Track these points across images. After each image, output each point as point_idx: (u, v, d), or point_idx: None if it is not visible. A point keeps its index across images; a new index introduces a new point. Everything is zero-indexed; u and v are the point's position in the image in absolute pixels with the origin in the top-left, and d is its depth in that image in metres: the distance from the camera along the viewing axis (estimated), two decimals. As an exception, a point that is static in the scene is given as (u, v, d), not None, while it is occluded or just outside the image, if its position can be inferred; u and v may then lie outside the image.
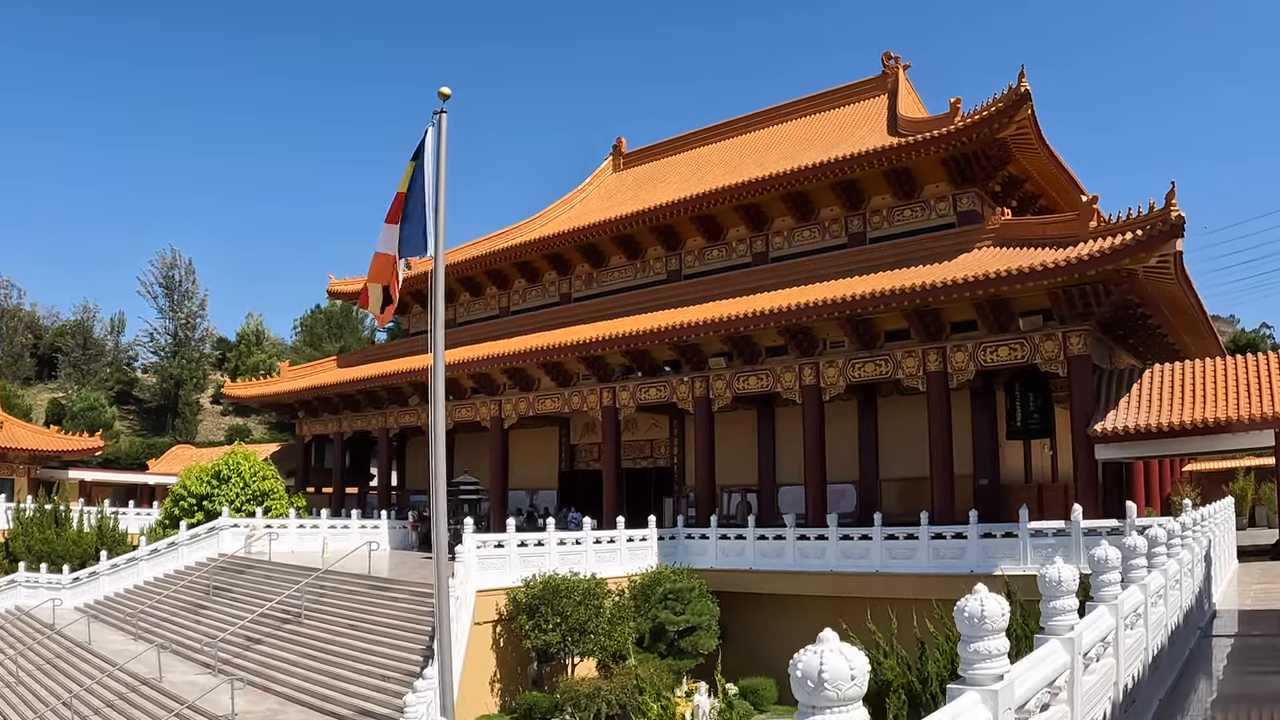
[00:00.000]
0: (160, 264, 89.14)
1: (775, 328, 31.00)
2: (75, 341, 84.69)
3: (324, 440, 50.61)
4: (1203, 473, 47.11)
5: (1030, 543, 26.38)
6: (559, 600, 25.42)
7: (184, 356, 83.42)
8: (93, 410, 72.17)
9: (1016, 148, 32.28)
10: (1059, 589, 6.21)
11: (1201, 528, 17.65)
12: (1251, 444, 26.67)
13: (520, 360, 37.17)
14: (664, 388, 35.06)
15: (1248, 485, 43.90)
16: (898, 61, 42.89)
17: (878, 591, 27.64)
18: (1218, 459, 47.30)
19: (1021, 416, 30.47)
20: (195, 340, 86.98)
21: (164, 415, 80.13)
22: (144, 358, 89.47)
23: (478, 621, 25.46)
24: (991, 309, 28.34)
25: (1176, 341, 34.97)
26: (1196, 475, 46.31)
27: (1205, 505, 24.83)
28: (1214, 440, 26.72)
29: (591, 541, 29.92)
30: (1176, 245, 24.69)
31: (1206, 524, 18.34)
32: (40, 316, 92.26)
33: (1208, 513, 18.80)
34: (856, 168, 33.60)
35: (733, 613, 30.35)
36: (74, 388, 79.31)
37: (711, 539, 31.73)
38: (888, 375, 30.50)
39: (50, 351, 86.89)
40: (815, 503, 31.34)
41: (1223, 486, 42.29)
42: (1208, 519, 18.83)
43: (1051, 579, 6.25)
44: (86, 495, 55.78)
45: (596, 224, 39.28)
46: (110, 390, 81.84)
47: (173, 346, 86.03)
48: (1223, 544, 22.79)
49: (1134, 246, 24.87)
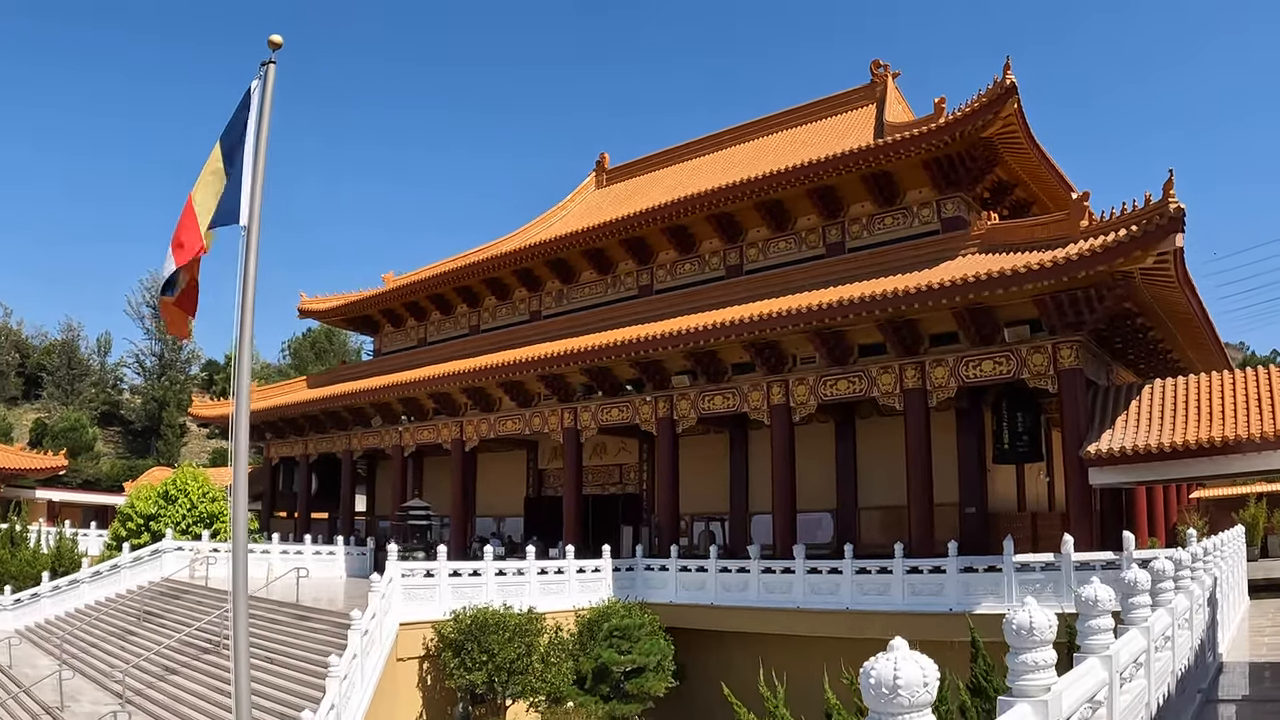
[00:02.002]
0: (148, 284, 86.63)
1: (739, 342, 27.74)
2: (61, 361, 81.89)
3: (292, 463, 47.61)
4: (1211, 500, 43.13)
5: (1015, 578, 23.02)
6: (486, 636, 22.60)
7: (169, 378, 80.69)
8: (74, 431, 69.24)
9: (1004, 148, 28.97)
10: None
11: (1205, 564, 14.19)
12: (1264, 466, 23.03)
13: (474, 379, 34.05)
14: (626, 408, 31.76)
15: (1259, 513, 39.71)
16: (886, 70, 39.73)
17: (849, 631, 24.49)
18: (1227, 484, 43.38)
19: (1009, 438, 26.91)
20: (181, 362, 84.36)
21: (149, 437, 77.45)
22: (130, 379, 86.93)
23: (400, 657, 22.75)
24: (973, 319, 24.97)
25: (1180, 357, 31.40)
26: (1204, 502, 42.39)
27: (1213, 535, 21.41)
28: (1222, 463, 23.07)
29: (535, 572, 26.86)
30: (1176, 241, 21.20)
31: (1211, 559, 14.83)
32: (28, 335, 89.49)
33: (1213, 545, 15.22)
34: (833, 172, 30.37)
35: (692, 651, 27.11)
36: (58, 408, 76.45)
37: (671, 571, 28.38)
38: (862, 393, 27.09)
39: (36, 370, 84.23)
40: (783, 532, 27.90)
41: (1232, 514, 38.41)
42: (1213, 553, 15.29)
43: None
44: (55, 516, 52.88)
45: (564, 236, 36.19)
46: (95, 411, 79.12)
47: (158, 368, 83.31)
48: (1231, 580, 19.16)
49: (1128, 244, 21.50)
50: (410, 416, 38.43)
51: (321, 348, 76.44)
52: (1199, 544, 15.32)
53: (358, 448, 42.30)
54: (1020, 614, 4.74)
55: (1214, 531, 26.93)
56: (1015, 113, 27.26)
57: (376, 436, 40.91)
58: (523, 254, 37.54)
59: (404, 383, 36.39)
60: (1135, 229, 21.43)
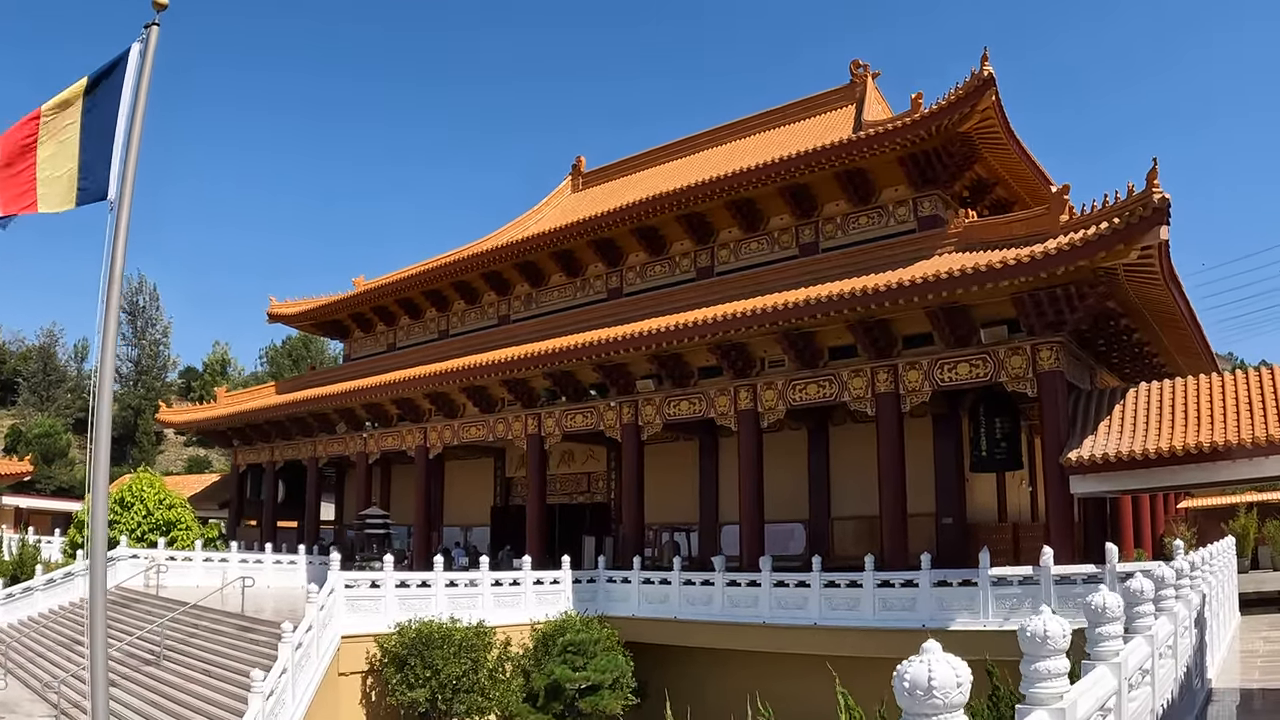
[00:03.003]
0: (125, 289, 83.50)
1: (704, 344, 26.06)
2: (38, 366, 79.77)
3: (259, 470, 45.71)
4: (1200, 510, 41.25)
5: (992, 592, 21.32)
6: (430, 651, 21.01)
7: (144, 385, 78.70)
8: (49, 437, 67.07)
9: (982, 143, 27.34)
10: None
11: (1193, 580, 12.46)
12: (1255, 474, 21.30)
13: (436, 383, 32.34)
14: (591, 414, 30.00)
15: (1250, 523, 37.73)
16: (866, 70, 38.07)
17: (817, 647, 22.76)
18: (1217, 493, 41.52)
19: (987, 445, 25.14)
20: (158, 368, 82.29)
21: (124, 445, 75.37)
22: None
23: (343, 672, 21.25)
24: (947, 319, 23.29)
25: (1167, 361, 29.70)
26: (1192, 513, 40.53)
27: (1202, 546, 19.65)
28: (1211, 470, 21.32)
29: (489, 583, 25.12)
30: (1161, 234, 19.50)
31: (1199, 574, 13.07)
32: (4, 340, 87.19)
33: (1201, 559, 13.44)
34: (805, 169, 28.73)
35: (655, 668, 25.44)
36: (33, 414, 74.31)
37: (634, 583, 26.65)
38: (832, 398, 25.35)
39: (12, 377, 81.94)
40: (751, 543, 26.13)
41: (1222, 525, 36.52)
42: (1200, 568, 13.53)
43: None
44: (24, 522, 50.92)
45: (532, 238, 34.50)
46: (71, 418, 76.91)
47: (135, 374, 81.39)
48: (1222, 595, 17.40)
49: (1109, 238, 19.82)
50: (374, 423, 36.70)
51: (299, 355, 74.50)
52: (1186, 557, 13.57)
53: (323, 455, 40.53)
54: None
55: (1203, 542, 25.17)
56: (993, 106, 25.65)
57: (341, 443, 39.14)
58: (490, 256, 35.83)
59: (364, 388, 34.66)
60: (1117, 221, 19.78)
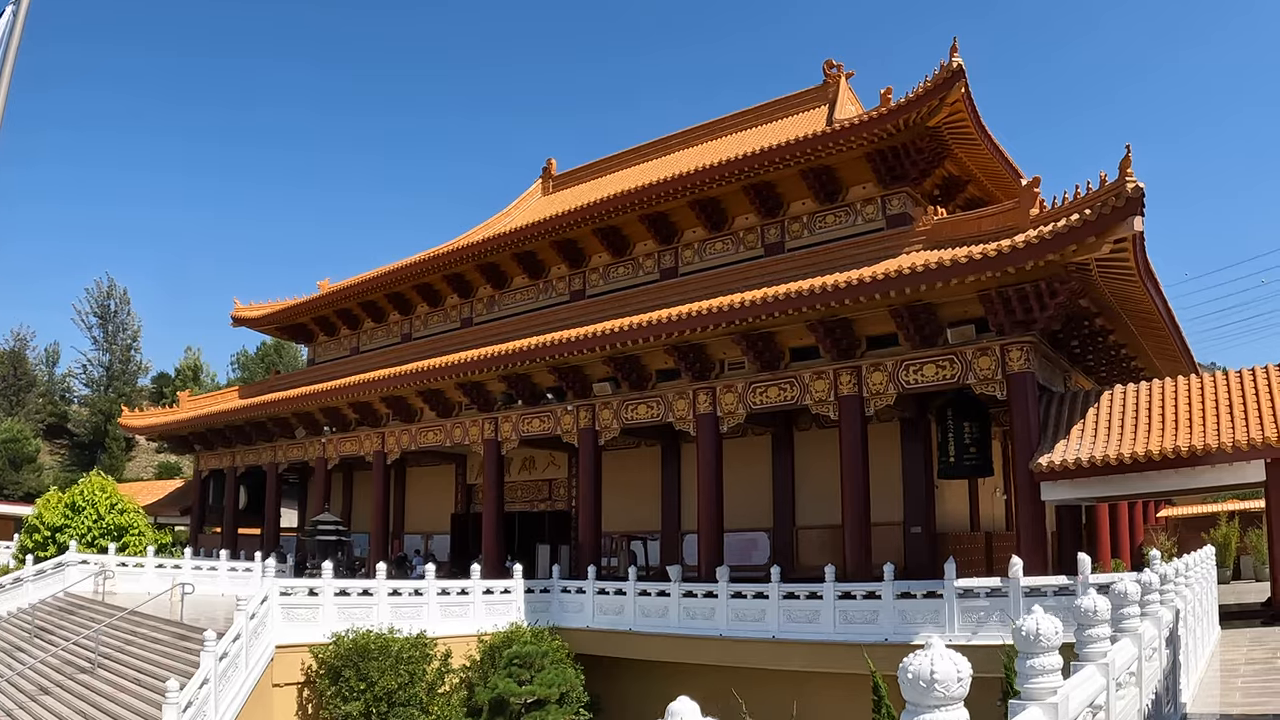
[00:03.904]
0: (96, 293, 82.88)
1: (661, 345, 24.59)
2: (7, 370, 77.23)
3: (222, 475, 43.91)
4: (1180, 518, 39.76)
5: (958, 605, 19.83)
6: (366, 663, 19.69)
7: (115, 389, 76.70)
8: (16, 442, 64.93)
9: (953, 139, 25.86)
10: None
11: (1164, 594, 10.95)
12: (1235, 479, 19.81)
13: (390, 386, 30.90)
14: (548, 418, 28.45)
15: (1231, 532, 36.22)
16: (840, 69, 36.61)
17: (776, 661, 21.47)
18: (1198, 501, 40.04)
19: (955, 450, 23.56)
20: (129, 373, 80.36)
21: (94, 450, 73.34)
22: (78, 390, 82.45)
23: (277, 683, 20.04)
24: (912, 318, 21.82)
25: (1146, 366, 28.31)
26: (1172, 521, 39.00)
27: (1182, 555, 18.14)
28: (1190, 475, 19.87)
29: (436, 592, 23.54)
30: (1135, 225, 18.04)
31: (1172, 589, 11.53)
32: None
33: (1174, 572, 11.87)
34: (769, 166, 27.25)
35: (610, 682, 23.95)
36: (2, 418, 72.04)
37: (589, 593, 25.04)
38: (794, 401, 23.84)
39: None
40: (709, 553, 24.54)
41: (1202, 534, 35.01)
42: (1174, 581, 11.98)
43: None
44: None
45: (493, 238, 32.97)
46: (41, 423, 74.77)
47: (106, 379, 79.43)
48: (1199, 610, 15.79)
49: (1080, 229, 18.41)
50: (332, 427, 35.08)
51: (272, 361, 72.52)
52: (1158, 569, 12.03)
53: (283, 460, 38.90)
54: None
55: (1183, 552, 23.70)
56: (963, 98, 24.18)
57: (301, 448, 37.54)
58: (452, 257, 34.25)
59: (319, 392, 33.12)
60: (1088, 213, 18.38)
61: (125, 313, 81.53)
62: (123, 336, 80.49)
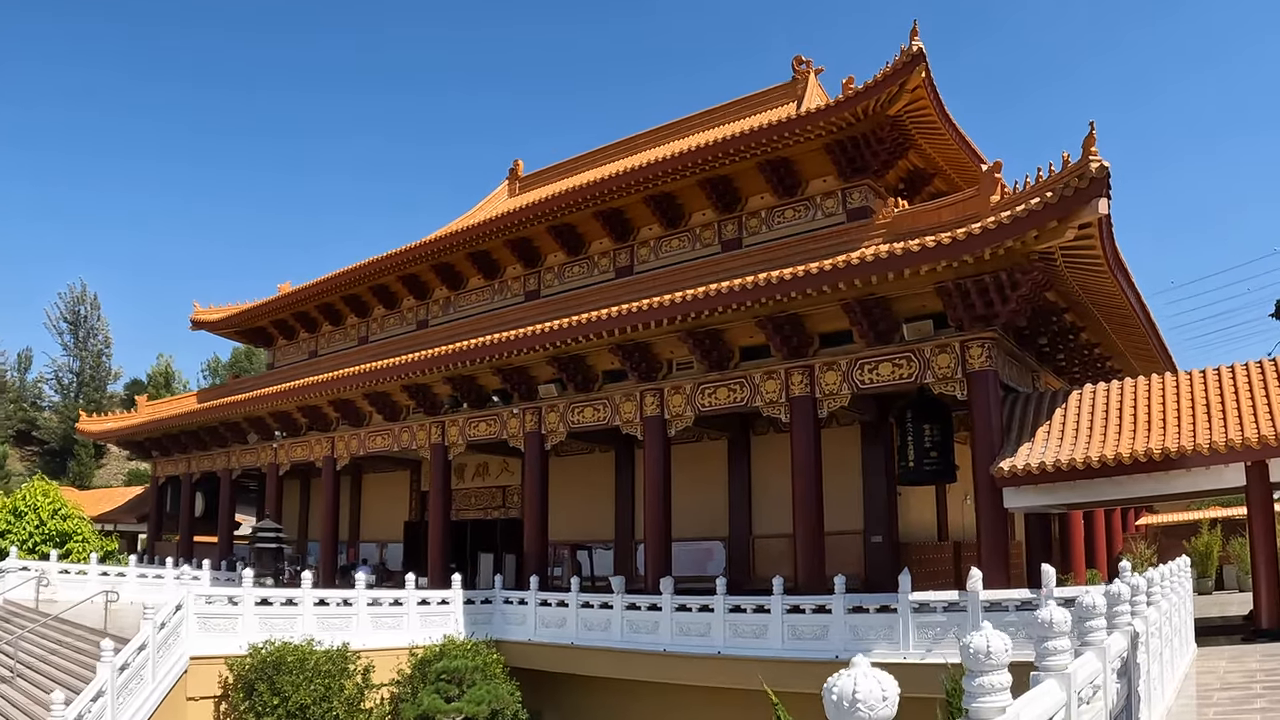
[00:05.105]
0: (67, 298, 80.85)
1: (604, 345, 22.75)
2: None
3: (179, 482, 41.93)
4: (1161, 526, 37.69)
5: (913, 620, 18.01)
6: (280, 676, 18.33)
7: (85, 396, 74.79)
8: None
9: (916, 128, 24.13)
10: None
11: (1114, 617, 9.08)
12: (1213, 484, 17.93)
13: (335, 389, 29.18)
14: (494, 421, 26.63)
15: (1213, 540, 34.13)
16: (809, 65, 34.91)
17: (721, 679, 19.73)
18: (1181, 508, 38.01)
19: (915, 455, 21.60)
20: (100, 379, 78.42)
21: (64, 458, 71.40)
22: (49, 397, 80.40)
23: (192, 696, 18.93)
24: (866, 314, 19.99)
25: (1122, 367, 26.61)
26: (1153, 530, 36.96)
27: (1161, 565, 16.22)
28: (1164, 480, 18.02)
29: (366, 603, 21.78)
30: (1100, 208, 16.22)
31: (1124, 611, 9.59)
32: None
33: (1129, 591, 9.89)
34: (725, 158, 25.48)
35: (553, 698, 22.35)
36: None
37: (531, 605, 23.15)
38: (744, 403, 21.97)
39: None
40: (656, 562, 22.68)
41: (1183, 543, 33.02)
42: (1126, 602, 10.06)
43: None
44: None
45: (445, 236, 31.20)
46: (11, 430, 72.67)
47: (77, 386, 77.50)
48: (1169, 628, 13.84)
49: (1040, 213, 16.63)
50: (283, 432, 33.22)
51: (242, 368, 70.29)
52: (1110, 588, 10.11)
53: (236, 466, 37.04)
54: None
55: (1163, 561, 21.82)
56: (924, 84, 22.44)
57: (254, 454, 35.70)
58: (407, 257, 32.39)
59: (266, 395, 31.37)
60: (1049, 195, 16.57)
61: (96, 318, 79.88)
62: (93, 342, 78.71)
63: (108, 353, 79.12)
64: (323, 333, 38.55)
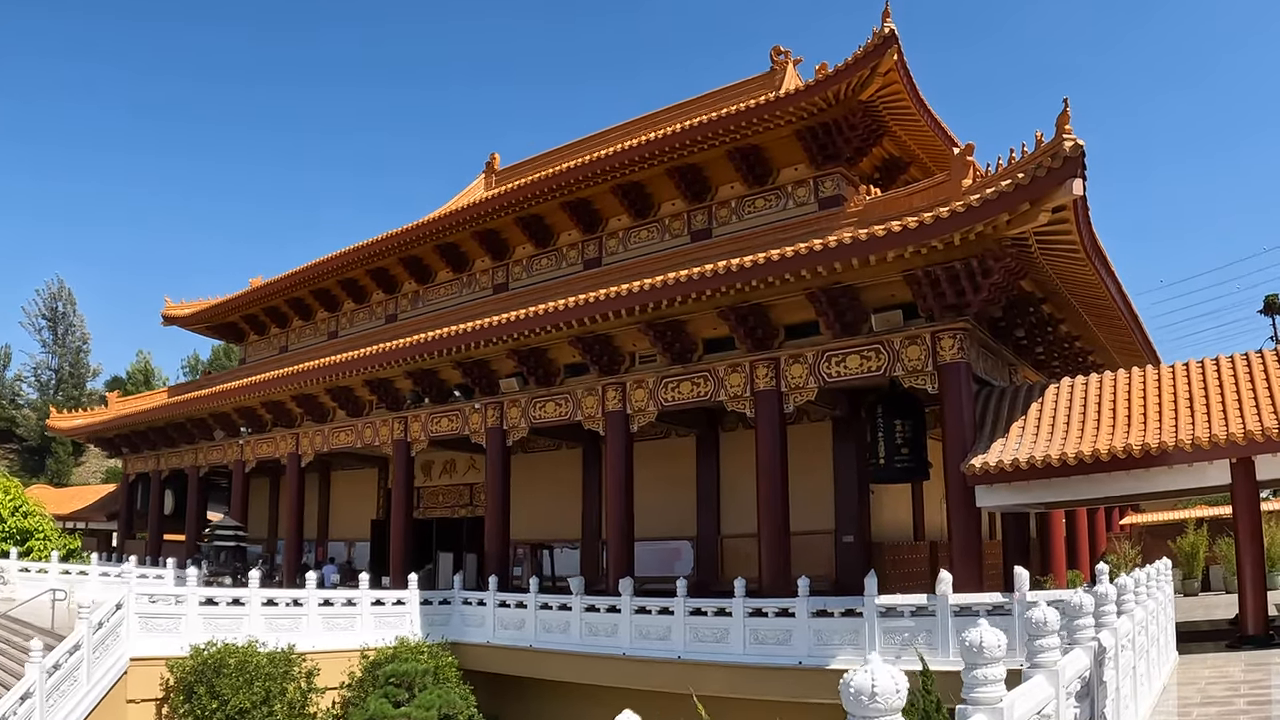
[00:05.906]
0: (45, 295, 79.45)
1: (564, 338, 21.65)
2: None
3: (148, 479, 40.74)
4: (1146, 526, 36.44)
5: (879, 625, 16.89)
6: (220, 678, 17.52)
7: (65, 393, 73.48)
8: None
9: (889, 114, 22.95)
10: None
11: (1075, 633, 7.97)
12: (1196, 483, 16.77)
13: (297, 384, 28.04)
14: (456, 417, 25.48)
15: (1199, 540, 32.86)
16: (787, 56, 33.61)
17: (682, 684, 18.51)
18: (1167, 507, 36.78)
19: (886, 451, 20.42)
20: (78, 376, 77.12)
21: (42, 455, 70.04)
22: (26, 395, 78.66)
23: (133, 699, 18.37)
24: (832, 304, 18.86)
25: (1104, 361, 25.39)
26: (1138, 529, 35.71)
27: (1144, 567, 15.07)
28: (1143, 479, 16.85)
29: (317, 603, 20.71)
30: (1075, 189, 15.05)
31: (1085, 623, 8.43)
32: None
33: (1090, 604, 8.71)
34: (695, 145, 24.31)
35: (512, 703, 21.36)
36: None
37: (489, 606, 22.00)
38: (708, 397, 20.80)
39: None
40: (618, 563, 21.57)
41: (1169, 543, 31.79)
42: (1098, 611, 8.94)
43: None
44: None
45: (411, 229, 29.94)
46: None
47: (55, 383, 76.31)
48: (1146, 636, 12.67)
49: (1011, 195, 15.49)
50: (249, 428, 32.08)
51: (222, 365, 69.16)
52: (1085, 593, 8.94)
53: (204, 462, 35.88)
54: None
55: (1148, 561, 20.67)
56: (896, 67, 21.28)
57: (220, 450, 34.53)
58: (375, 249, 31.18)
59: (229, 390, 30.23)
60: (1021, 176, 15.41)
61: (74, 314, 78.69)
62: (71, 339, 77.39)
63: (86, 349, 77.87)
64: (293, 328, 37.36)
